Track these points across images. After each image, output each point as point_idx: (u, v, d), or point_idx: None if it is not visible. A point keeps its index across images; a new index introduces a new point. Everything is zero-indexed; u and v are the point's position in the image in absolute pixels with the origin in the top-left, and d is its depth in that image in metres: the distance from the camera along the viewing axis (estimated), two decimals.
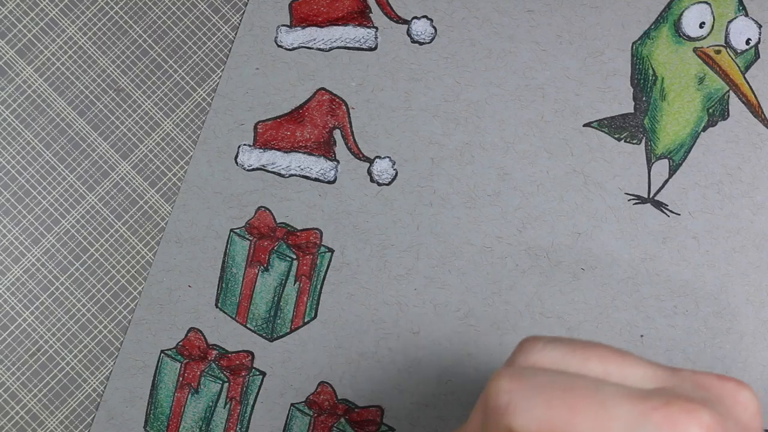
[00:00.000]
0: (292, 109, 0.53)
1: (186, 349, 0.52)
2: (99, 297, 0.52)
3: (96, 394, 0.52)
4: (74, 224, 0.52)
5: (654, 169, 0.53)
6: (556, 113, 0.53)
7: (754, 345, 0.52)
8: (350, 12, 0.53)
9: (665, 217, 0.53)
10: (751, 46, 0.53)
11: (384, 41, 0.53)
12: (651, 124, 0.53)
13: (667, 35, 0.53)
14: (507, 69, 0.53)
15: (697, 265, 0.53)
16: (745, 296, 0.53)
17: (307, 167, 0.53)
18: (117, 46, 0.53)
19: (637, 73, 0.53)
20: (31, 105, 0.53)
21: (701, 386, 0.35)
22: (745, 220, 0.53)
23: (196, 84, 0.53)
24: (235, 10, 0.53)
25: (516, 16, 0.53)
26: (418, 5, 0.53)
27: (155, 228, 0.53)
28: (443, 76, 0.53)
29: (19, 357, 0.52)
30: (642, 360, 0.36)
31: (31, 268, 0.52)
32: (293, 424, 0.52)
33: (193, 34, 0.53)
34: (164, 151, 0.53)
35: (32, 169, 0.52)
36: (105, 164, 0.53)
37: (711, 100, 0.53)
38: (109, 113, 0.53)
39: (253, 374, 0.52)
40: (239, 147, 0.53)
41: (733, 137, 0.53)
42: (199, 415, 0.52)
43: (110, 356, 0.52)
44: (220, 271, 0.52)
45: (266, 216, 0.53)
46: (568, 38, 0.53)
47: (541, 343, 0.36)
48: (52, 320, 0.52)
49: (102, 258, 0.52)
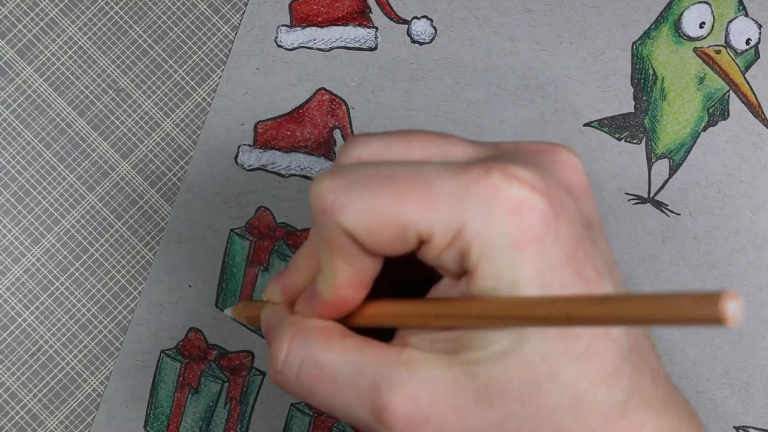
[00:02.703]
0: (292, 109, 0.53)
1: (186, 349, 0.52)
2: (99, 297, 0.52)
3: (96, 394, 0.52)
4: (74, 224, 0.52)
5: (654, 169, 0.53)
6: (556, 113, 0.53)
7: (754, 345, 0.52)
8: (350, 12, 0.53)
9: (665, 217, 0.53)
10: (751, 46, 0.53)
11: (384, 41, 0.53)
12: (651, 123, 0.53)
13: (667, 35, 0.53)
14: (507, 69, 0.53)
15: (697, 265, 0.53)
16: (745, 296, 0.53)
17: (307, 167, 0.53)
18: (117, 46, 0.53)
19: (637, 73, 0.53)
20: (31, 105, 0.53)
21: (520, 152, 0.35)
22: (745, 220, 0.53)
23: (196, 84, 0.53)
24: (235, 10, 0.53)
25: (516, 16, 0.53)
26: (418, 5, 0.53)
27: (155, 228, 0.53)
28: (443, 76, 0.53)
29: (19, 357, 0.52)
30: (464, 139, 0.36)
31: (31, 268, 0.52)
32: (293, 424, 0.52)
33: (193, 34, 0.53)
34: (164, 151, 0.53)
35: (32, 169, 0.52)
36: (105, 164, 0.53)
37: (711, 100, 0.53)
38: (109, 113, 0.53)
39: (253, 374, 0.52)
40: (239, 147, 0.53)
41: (733, 137, 0.53)
42: (199, 415, 0.52)
43: (110, 356, 0.52)
44: (220, 271, 0.52)
45: (266, 216, 0.53)
46: (568, 38, 0.53)
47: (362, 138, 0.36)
48: (52, 320, 0.52)
49: (102, 258, 0.52)
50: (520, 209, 0.32)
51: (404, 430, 0.34)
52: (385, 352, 0.35)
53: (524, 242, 0.32)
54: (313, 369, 0.35)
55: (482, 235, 0.32)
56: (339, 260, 0.34)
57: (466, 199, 0.32)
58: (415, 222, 0.33)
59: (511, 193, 0.32)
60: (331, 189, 0.34)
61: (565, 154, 0.35)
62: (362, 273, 0.35)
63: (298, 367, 0.36)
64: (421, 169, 0.33)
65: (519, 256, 0.32)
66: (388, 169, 0.34)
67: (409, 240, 0.33)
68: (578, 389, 0.33)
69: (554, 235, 0.32)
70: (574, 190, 0.35)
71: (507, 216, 0.32)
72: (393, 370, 0.34)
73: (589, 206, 0.35)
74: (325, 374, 0.35)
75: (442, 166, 0.34)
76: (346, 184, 0.34)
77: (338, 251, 0.34)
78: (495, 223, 0.32)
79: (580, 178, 0.35)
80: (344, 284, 0.35)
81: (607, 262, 0.35)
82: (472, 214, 0.32)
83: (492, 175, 0.33)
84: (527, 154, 0.35)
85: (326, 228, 0.34)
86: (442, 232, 0.33)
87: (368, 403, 0.34)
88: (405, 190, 0.33)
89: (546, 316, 0.30)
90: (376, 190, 0.33)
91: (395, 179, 0.33)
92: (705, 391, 0.52)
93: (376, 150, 0.35)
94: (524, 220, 0.32)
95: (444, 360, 0.34)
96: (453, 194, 0.33)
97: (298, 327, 0.36)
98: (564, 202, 0.33)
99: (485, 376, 0.33)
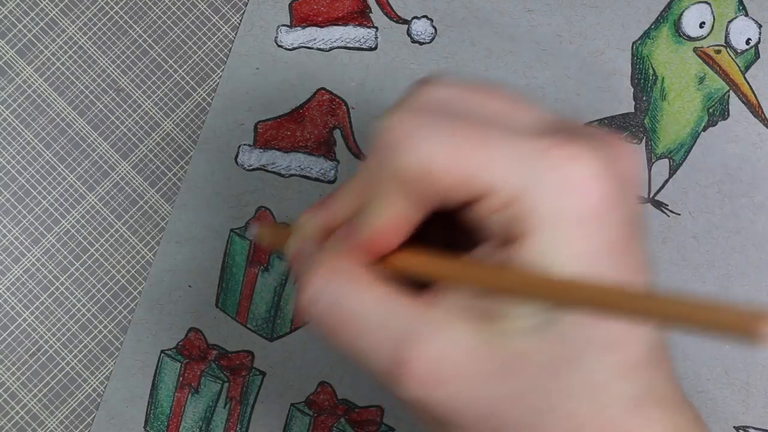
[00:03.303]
0: (292, 109, 0.53)
1: (186, 349, 0.52)
2: (99, 297, 0.52)
3: (96, 394, 0.52)
4: (74, 224, 0.52)
5: (654, 169, 0.53)
6: (556, 113, 0.53)
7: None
8: (350, 12, 0.53)
9: (665, 217, 0.53)
10: (751, 46, 0.53)
11: (384, 41, 0.53)
12: (651, 123, 0.53)
13: (667, 35, 0.53)
14: (507, 69, 0.53)
15: (697, 265, 0.53)
16: (745, 296, 0.53)
17: (307, 167, 0.53)
18: (117, 46, 0.53)
19: (637, 73, 0.53)
20: (31, 105, 0.53)
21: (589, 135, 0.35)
22: (745, 220, 0.53)
23: (196, 84, 0.53)
24: (235, 10, 0.53)
25: (516, 16, 0.53)
26: (418, 5, 0.53)
27: (155, 228, 0.53)
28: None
29: (19, 357, 0.52)
30: (538, 108, 0.35)
31: (31, 268, 0.52)
32: (293, 424, 0.52)
33: (193, 34, 0.53)
34: (164, 151, 0.53)
35: (32, 169, 0.52)
36: (105, 164, 0.53)
37: (711, 100, 0.53)
38: (109, 113, 0.53)
39: (253, 374, 0.52)
40: (239, 147, 0.53)
41: (733, 137, 0.53)
42: (199, 415, 0.52)
43: (110, 356, 0.52)
44: (220, 271, 0.52)
45: (266, 216, 0.53)
46: (568, 38, 0.53)
47: (437, 81, 0.35)
48: (52, 320, 0.52)
49: (102, 258, 0.52)
50: (582, 187, 0.32)
51: (418, 387, 0.33)
52: (414, 306, 0.34)
53: (579, 220, 0.32)
54: (340, 311, 0.35)
55: (540, 204, 0.32)
56: (390, 200, 0.34)
57: (533, 166, 0.32)
58: (481, 174, 0.32)
59: (577, 170, 0.32)
60: (403, 124, 0.33)
61: (629, 148, 0.35)
62: (407, 219, 0.34)
63: (324, 305, 0.35)
64: (495, 124, 0.33)
65: (571, 232, 0.32)
66: (462, 116, 0.33)
67: (470, 191, 0.33)
68: (597, 379, 0.33)
69: (608, 220, 0.32)
70: (630, 184, 0.35)
71: (568, 191, 0.32)
72: (420, 326, 0.34)
73: (637, 203, 0.35)
74: (350, 318, 0.35)
75: (517, 127, 0.33)
76: (419, 121, 0.33)
77: (394, 190, 0.33)
78: (555, 196, 0.32)
79: (636, 175, 0.35)
80: (387, 226, 0.34)
81: (648, 258, 0.35)
82: (536, 181, 0.32)
83: (563, 148, 0.32)
84: (596, 137, 0.35)
85: (390, 161, 0.33)
86: (502, 192, 0.32)
87: (388, 355, 0.34)
88: (476, 140, 0.33)
89: (584, 301, 0.30)
90: (449, 133, 0.33)
91: (469, 128, 0.33)
92: (705, 391, 0.52)
93: (453, 94, 0.35)
94: (584, 199, 0.32)
95: (472, 326, 0.33)
96: (522, 158, 0.32)
97: (329, 267, 0.35)
98: (621, 192, 0.33)
99: (510, 348, 0.33)
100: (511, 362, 0.33)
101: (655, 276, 0.53)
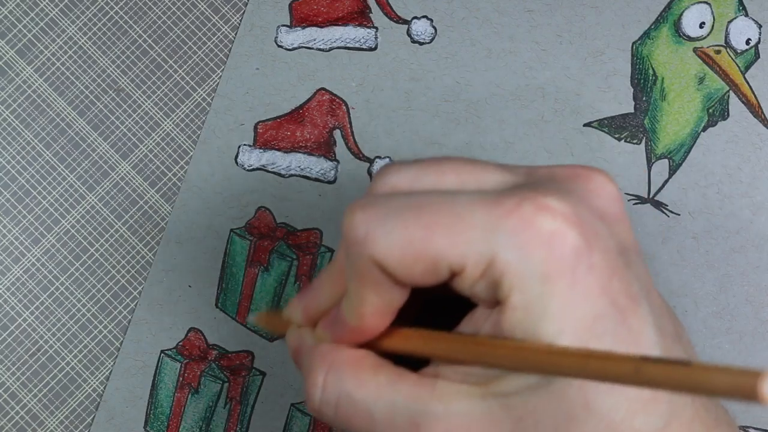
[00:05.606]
0: (292, 109, 0.53)
1: (186, 349, 0.52)
2: (99, 297, 0.52)
3: (96, 394, 0.52)
4: (74, 224, 0.52)
5: (654, 169, 0.53)
6: (556, 113, 0.53)
7: (753, 345, 0.52)
8: (350, 12, 0.53)
9: (665, 217, 0.53)
10: (751, 46, 0.53)
11: (384, 41, 0.53)
12: (651, 124, 0.53)
13: (667, 35, 0.53)
14: (507, 69, 0.53)
15: (697, 265, 0.53)
16: (745, 296, 0.53)
17: (307, 167, 0.53)
18: (117, 46, 0.53)
19: (637, 73, 0.53)
20: (31, 105, 0.53)
21: (554, 179, 0.35)
22: (745, 220, 0.53)
23: (196, 84, 0.53)
24: (235, 10, 0.53)
25: (516, 16, 0.53)
26: (418, 5, 0.53)
27: (155, 228, 0.53)
28: (443, 76, 0.53)
29: (19, 357, 0.52)
30: (497, 165, 0.36)
31: (31, 268, 0.52)
32: (293, 424, 0.52)
33: (193, 34, 0.53)
34: (164, 151, 0.53)
35: (32, 169, 0.52)
36: (105, 164, 0.53)
37: (711, 100, 0.53)
38: (109, 113, 0.53)
39: (253, 374, 0.52)
40: (239, 147, 0.53)
41: (733, 137, 0.53)
42: (199, 415, 0.52)
43: (110, 356, 0.52)
44: (220, 271, 0.52)
45: (266, 216, 0.53)
46: (568, 38, 0.53)
47: (395, 166, 0.36)
48: (52, 320, 0.52)
49: (102, 258, 0.52)
50: (551, 241, 0.32)
51: None
52: (418, 385, 0.35)
53: (555, 274, 0.32)
54: (349, 406, 0.36)
55: (513, 266, 0.32)
56: (368, 290, 0.35)
57: (497, 230, 0.32)
58: (447, 254, 0.33)
59: (543, 224, 0.32)
60: (364, 220, 0.34)
61: (600, 180, 0.35)
62: (390, 302, 0.35)
63: (335, 404, 0.36)
64: (453, 200, 0.33)
65: (549, 287, 0.32)
66: (420, 200, 0.34)
67: (441, 272, 0.33)
68: (614, 418, 0.33)
69: (586, 266, 0.32)
70: (608, 217, 0.34)
71: (538, 248, 0.32)
72: (428, 406, 0.34)
73: (625, 231, 0.35)
74: (361, 410, 0.35)
75: (475, 196, 0.33)
76: (379, 216, 0.34)
77: (368, 282, 0.34)
78: (526, 255, 0.32)
79: (614, 205, 0.35)
80: (371, 312, 0.35)
81: (644, 287, 0.34)
82: (504, 245, 0.32)
83: (524, 206, 0.32)
84: (561, 180, 0.35)
85: (358, 259, 0.34)
86: (474, 264, 0.33)
87: None
88: (437, 222, 0.33)
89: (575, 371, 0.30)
90: (409, 223, 0.33)
91: (427, 211, 0.33)
92: None
93: (409, 179, 0.35)
94: (555, 252, 0.32)
95: (477, 392, 0.34)
96: (485, 226, 0.33)
97: (330, 361, 0.36)
98: (598, 232, 0.33)
99: (519, 408, 0.33)
100: (523, 422, 0.33)
101: (655, 276, 0.53)
